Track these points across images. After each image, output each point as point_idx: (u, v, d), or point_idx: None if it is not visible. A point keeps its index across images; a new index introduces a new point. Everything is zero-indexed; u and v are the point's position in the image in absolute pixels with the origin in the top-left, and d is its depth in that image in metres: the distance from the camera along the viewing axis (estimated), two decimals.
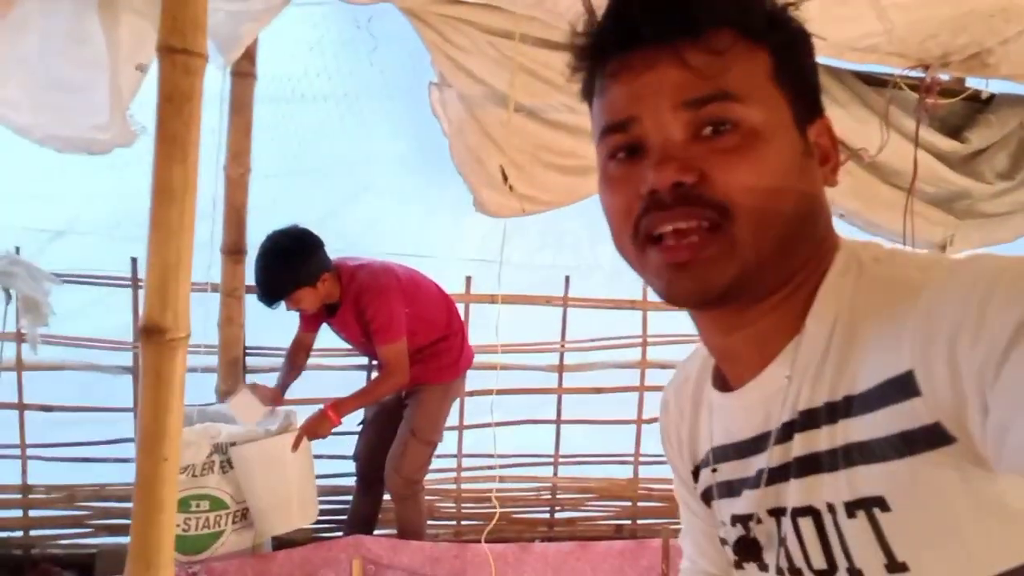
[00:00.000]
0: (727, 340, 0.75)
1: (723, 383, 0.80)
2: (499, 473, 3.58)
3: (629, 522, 3.75)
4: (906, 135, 2.81)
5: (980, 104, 2.98)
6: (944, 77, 2.77)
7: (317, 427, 2.74)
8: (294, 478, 2.73)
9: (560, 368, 3.63)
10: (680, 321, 3.72)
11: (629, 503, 3.76)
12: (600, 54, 0.72)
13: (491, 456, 3.28)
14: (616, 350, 3.67)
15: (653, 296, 3.47)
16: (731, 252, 0.65)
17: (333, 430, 2.81)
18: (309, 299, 2.73)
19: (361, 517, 3.15)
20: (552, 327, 3.59)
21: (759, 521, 0.75)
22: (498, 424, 3.41)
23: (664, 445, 0.97)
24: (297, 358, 3.10)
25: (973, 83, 2.93)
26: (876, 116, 2.79)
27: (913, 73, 2.66)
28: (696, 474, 0.89)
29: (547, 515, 3.75)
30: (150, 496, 1.43)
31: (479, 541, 2.77)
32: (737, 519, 0.78)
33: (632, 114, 0.68)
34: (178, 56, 1.32)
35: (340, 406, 2.79)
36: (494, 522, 2.80)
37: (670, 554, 2.96)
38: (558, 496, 3.76)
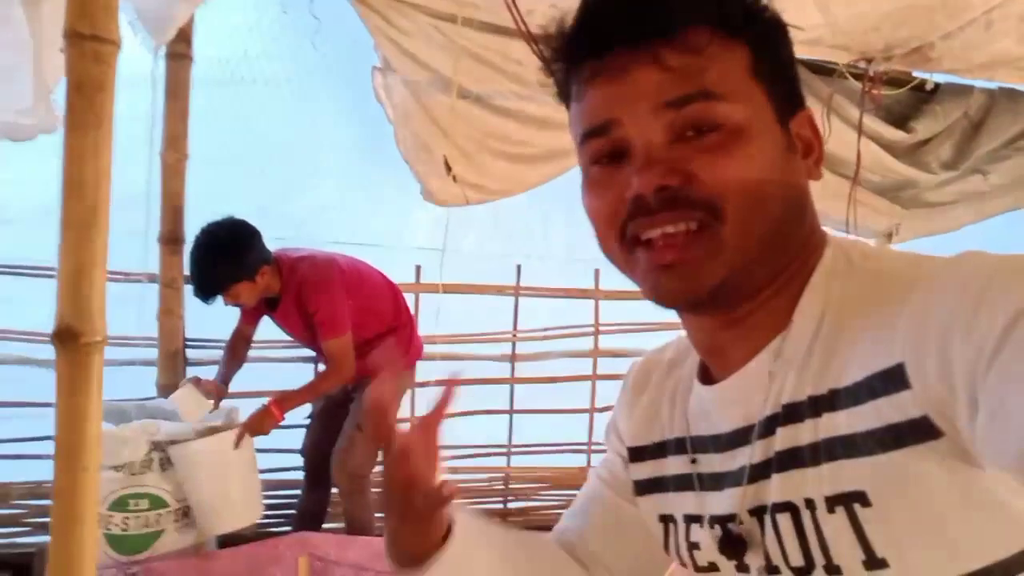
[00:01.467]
0: (713, 337, 0.75)
1: (706, 375, 0.79)
2: (452, 464, 3.55)
3: None
4: (852, 124, 2.82)
5: (926, 94, 3.01)
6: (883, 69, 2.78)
7: (259, 424, 2.66)
8: (237, 476, 2.66)
9: (512, 358, 3.59)
10: (633, 309, 3.73)
11: None
12: (574, 57, 0.71)
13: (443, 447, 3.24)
14: (569, 339, 3.65)
15: (605, 284, 3.48)
16: (720, 252, 0.65)
17: (277, 425, 2.74)
18: (247, 293, 2.65)
19: (309, 513, 3.09)
20: (504, 316, 3.56)
21: (740, 523, 0.73)
22: (450, 415, 3.38)
23: (612, 424, 0.93)
24: (237, 350, 3.02)
25: (919, 73, 2.94)
26: (822, 105, 2.79)
27: (855, 66, 2.67)
28: (638, 456, 0.86)
29: (500, 505, 3.74)
30: (69, 509, 1.36)
31: None
32: (716, 520, 0.75)
33: (611, 117, 0.67)
34: (87, 43, 1.24)
35: (283, 402, 2.73)
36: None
37: None
38: (511, 486, 3.74)
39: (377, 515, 3.15)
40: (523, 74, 2.65)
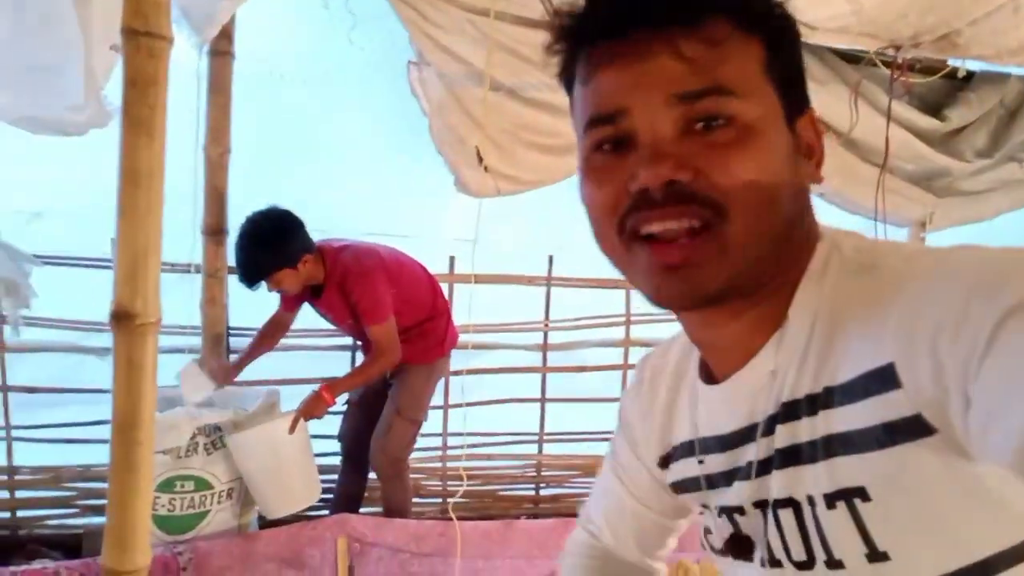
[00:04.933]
0: (711, 336, 0.75)
1: (708, 374, 0.79)
2: (485, 451, 3.61)
3: None
4: (882, 112, 2.80)
5: (960, 82, 2.98)
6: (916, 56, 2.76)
7: (313, 408, 2.74)
8: (294, 459, 2.74)
9: (544, 347, 3.64)
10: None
11: None
12: (586, 38, 0.69)
13: (475, 435, 3.30)
14: (600, 329, 3.68)
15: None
16: (724, 254, 0.64)
17: (328, 410, 2.82)
18: (290, 280, 2.73)
19: (347, 496, 3.17)
20: (537, 306, 3.60)
21: (744, 513, 0.75)
22: (483, 403, 3.44)
23: (624, 416, 0.95)
24: (272, 337, 3.10)
25: (952, 61, 2.92)
26: (850, 92, 2.78)
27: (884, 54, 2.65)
28: (666, 462, 0.88)
29: (532, 492, 3.78)
30: (125, 481, 1.44)
31: (464, 518, 2.80)
32: (724, 510, 0.77)
33: (622, 106, 0.65)
34: (142, 39, 1.31)
35: (334, 387, 2.80)
36: (459, 495, 2.83)
37: None
38: (543, 473, 3.78)
39: (414, 499, 3.23)
40: (555, 66, 2.68)
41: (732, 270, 0.65)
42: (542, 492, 3.80)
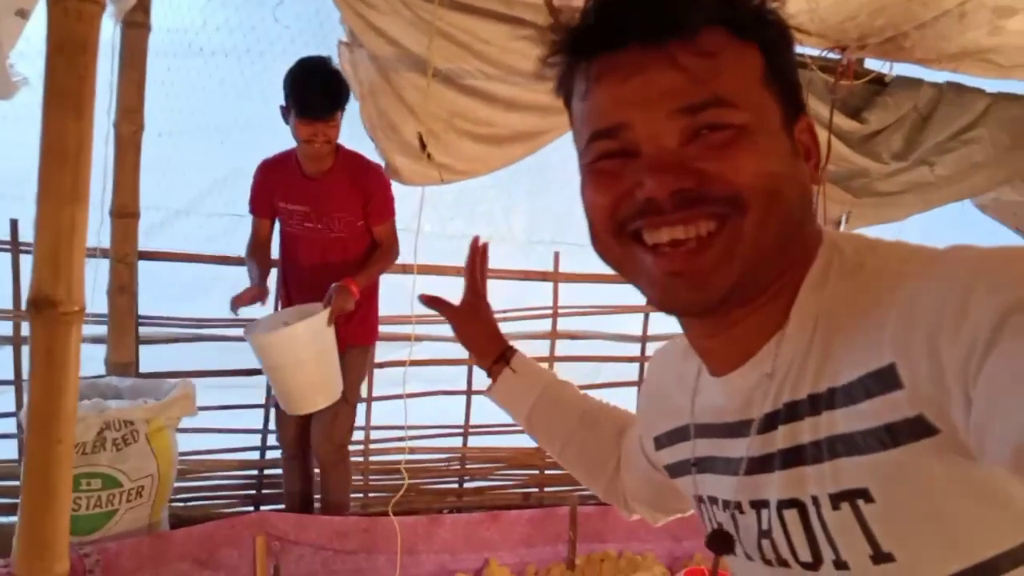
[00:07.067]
0: (711, 340, 0.75)
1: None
2: (409, 444, 3.54)
3: (536, 490, 3.79)
4: (815, 117, 2.88)
5: (878, 86, 3.10)
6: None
7: (344, 301, 2.67)
8: (324, 357, 2.71)
9: None
10: (591, 293, 3.76)
11: (537, 471, 3.79)
12: (583, 52, 0.69)
13: (400, 428, 3.24)
14: (527, 321, 3.67)
15: (564, 267, 3.48)
16: (733, 253, 0.64)
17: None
18: (337, 130, 2.65)
19: (302, 494, 3.07)
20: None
21: (742, 511, 0.75)
22: (409, 396, 3.37)
23: (641, 397, 1.00)
24: (264, 256, 2.96)
25: (874, 65, 3.04)
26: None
27: (830, 55, 2.72)
28: (661, 444, 0.91)
29: (456, 485, 3.75)
30: (43, 481, 1.33)
31: (387, 514, 2.74)
32: (726, 504, 0.78)
33: (623, 120, 0.65)
34: (69, 2, 1.20)
35: (358, 280, 2.74)
36: (401, 493, 2.78)
37: (577, 521, 3.02)
38: (467, 466, 3.75)
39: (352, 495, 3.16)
40: (491, 54, 2.64)
41: (739, 271, 0.65)
42: (466, 485, 3.76)
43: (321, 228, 2.81)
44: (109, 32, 2.42)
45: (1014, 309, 0.51)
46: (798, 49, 2.81)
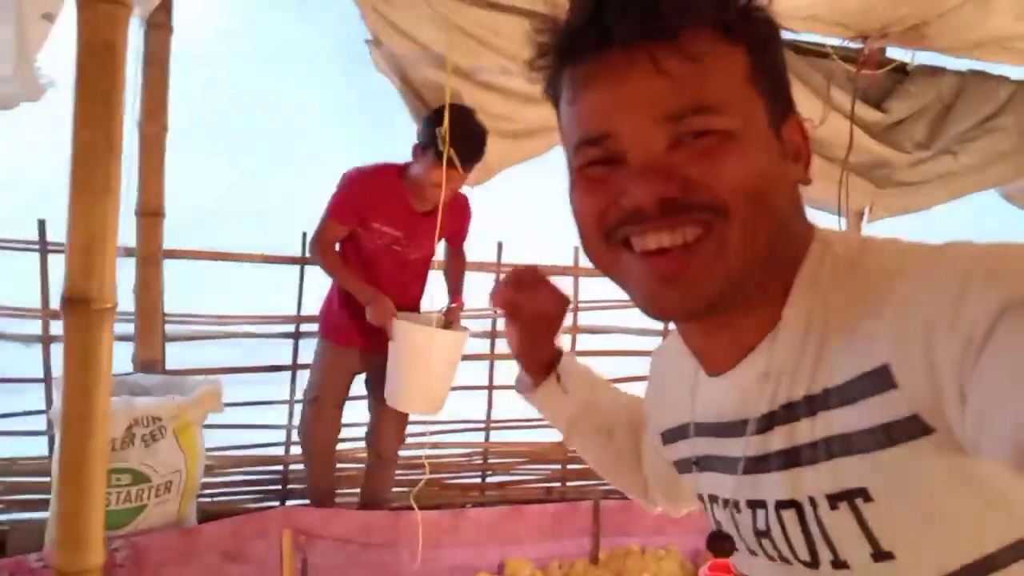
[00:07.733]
0: (705, 342, 0.76)
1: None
2: (432, 439, 3.57)
3: (559, 485, 3.80)
4: (837, 107, 2.86)
5: (900, 75, 3.07)
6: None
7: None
8: (448, 371, 2.80)
9: (492, 334, 3.61)
10: (612, 288, 3.74)
11: (559, 466, 3.80)
12: (569, 56, 0.68)
13: (425, 423, 3.26)
14: None
15: (585, 262, 3.48)
16: (721, 258, 0.64)
17: None
18: (465, 180, 2.77)
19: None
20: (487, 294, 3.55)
21: (739, 510, 0.76)
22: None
23: (646, 393, 1.01)
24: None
25: (896, 54, 3.01)
26: (810, 89, 2.83)
27: (851, 44, 2.69)
28: (666, 440, 0.91)
29: (479, 480, 3.77)
30: (78, 476, 1.36)
31: (411, 507, 2.76)
32: (725, 503, 0.78)
33: (609, 129, 0.65)
34: (100, 5, 1.22)
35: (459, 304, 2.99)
36: (421, 485, 2.79)
37: (600, 516, 3.02)
38: (489, 461, 3.77)
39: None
40: (509, 49, 2.65)
41: (727, 276, 0.64)
42: (488, 480, 3.78)
43: (405, 251, 2.87)
44: (133, 34, 2.44)
45: (1008, 307, 0.51)
46: (820, 39, 2.81)
